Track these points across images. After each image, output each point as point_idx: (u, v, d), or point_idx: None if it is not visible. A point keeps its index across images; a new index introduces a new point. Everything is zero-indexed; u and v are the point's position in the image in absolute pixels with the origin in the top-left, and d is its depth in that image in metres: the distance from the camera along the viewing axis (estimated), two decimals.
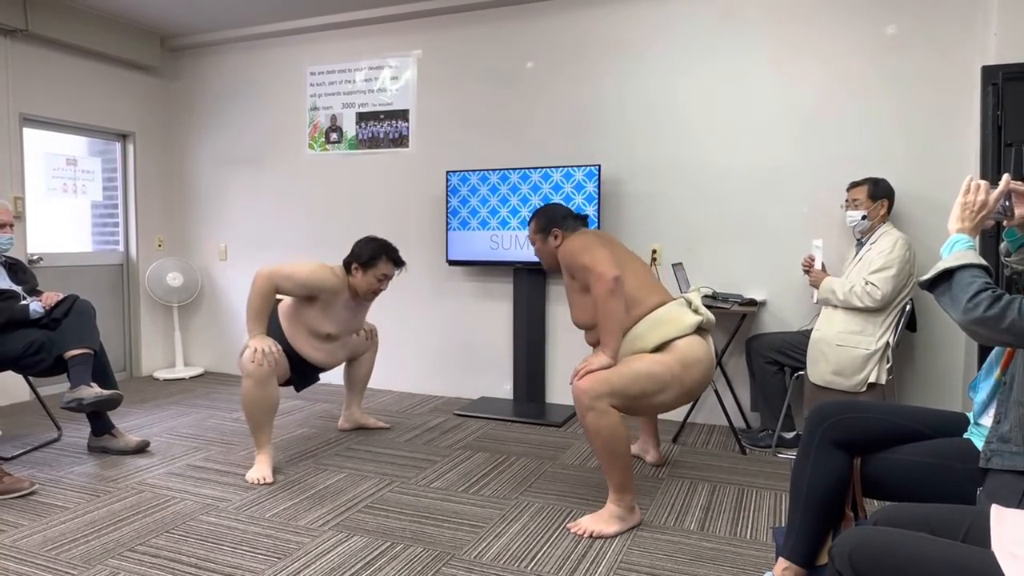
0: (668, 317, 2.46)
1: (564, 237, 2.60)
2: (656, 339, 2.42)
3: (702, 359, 2.45)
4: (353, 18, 4.41)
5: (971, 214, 1.49)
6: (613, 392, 2.29)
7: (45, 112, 4.33)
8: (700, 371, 2.44)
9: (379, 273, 3.00)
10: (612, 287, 2.30)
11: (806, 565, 1.72)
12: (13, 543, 2.27)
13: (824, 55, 3.50)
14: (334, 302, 2.99)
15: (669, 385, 2.37)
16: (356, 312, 3.13)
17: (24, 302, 3.06)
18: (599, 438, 2.31)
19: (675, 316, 2.46)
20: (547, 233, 2.64)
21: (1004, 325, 1.31)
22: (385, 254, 3.00)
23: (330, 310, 3.00)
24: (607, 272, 2.30)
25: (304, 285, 2.88)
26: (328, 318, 3.00)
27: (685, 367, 2.40)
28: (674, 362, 2.38)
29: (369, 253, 2.98)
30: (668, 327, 2.44)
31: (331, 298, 2.98)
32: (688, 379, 2.41)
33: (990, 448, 1.42)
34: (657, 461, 3.08)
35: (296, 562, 2.14)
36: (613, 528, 2.36)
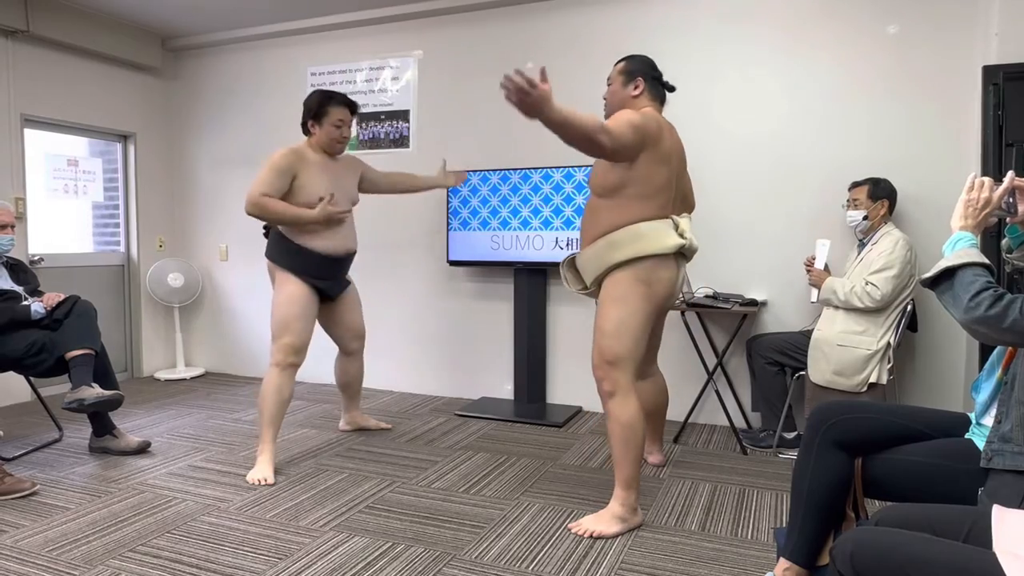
0: (650, 233, 2.37)
1: (643, 94, 2.49)
2: (631, 252, 2.36)
3: (665, 278, 2.42)
4: (354, 19, 4.42)
5: (975, 211, 1.49)
6: (619, 356, 2.36)
7: (46, 113, 4.34)
8: (665, 288, 2.43)
9: (334, 120, 3.00)
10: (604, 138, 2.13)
11: (807, 566, 1.72)
12: (15, 543, 2.27)
13: (825, 55, 3.50)
14: (309, 169, 2.97)
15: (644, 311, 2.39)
16: (337, 174, 3.10)
17: (25, 303, 3.06)
18: (618, 424, 2.36)
19: (657, 234, 2.37)
20: (632, 77, 2.50)
21: (1005, 324, 1.31)
22: (331, 100, 3.00)
23: (310, 178, 2.97)
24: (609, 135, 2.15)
25: (280, 172, 2.89)
26: (312, 183, 2.96)
27: (648, 285, 2.39)
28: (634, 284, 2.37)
29: (316, 104, 3.00)
30: (646, 242, 2.36)
31: (305, 168, 2.96)
32: (655, 298, 2.41)
33: (991, 448, 1.42)
34: (660, 463, 3.08)
35: (297, 563, 2.14)
36: (614, 529, 2.36)
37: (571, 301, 4.09)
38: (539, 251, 3.93)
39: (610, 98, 2.56)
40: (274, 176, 2.90)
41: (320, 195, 2.98)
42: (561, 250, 3.87)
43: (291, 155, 2.94)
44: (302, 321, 3.00)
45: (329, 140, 3.03)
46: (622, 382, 2.37)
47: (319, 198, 2.97)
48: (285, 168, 2.91)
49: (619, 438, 2.37)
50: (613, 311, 2.38)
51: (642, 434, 2.38)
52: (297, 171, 2.94)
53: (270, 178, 2.89)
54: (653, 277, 2.39)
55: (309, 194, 2.97)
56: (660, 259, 2.39)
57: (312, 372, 4.80)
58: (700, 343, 3.73)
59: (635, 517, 2.41)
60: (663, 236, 2.38)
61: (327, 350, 4.70)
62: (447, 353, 4.43)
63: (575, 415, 3.93)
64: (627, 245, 2.37)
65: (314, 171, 2.99)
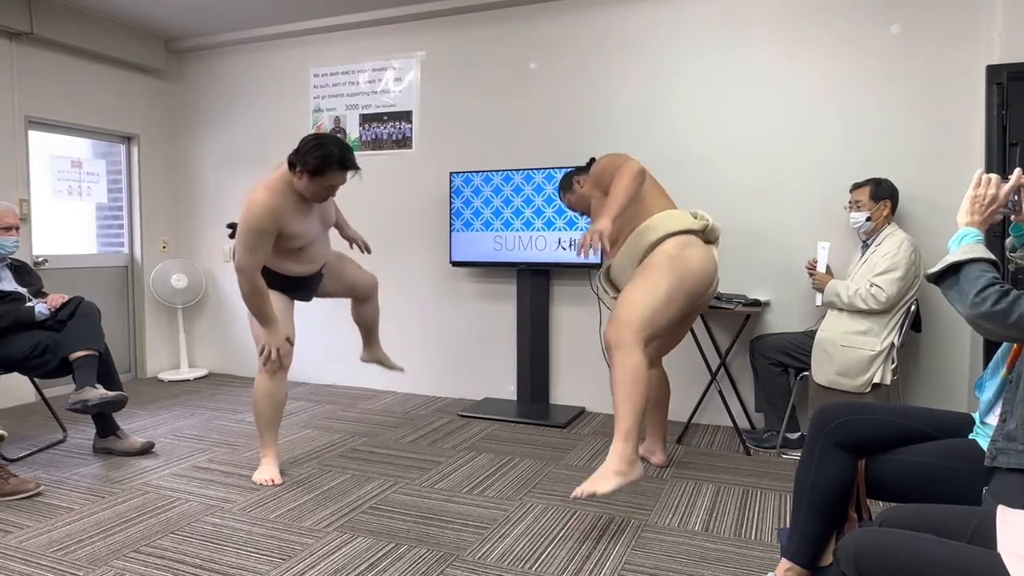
0: (673, 217, 2.66)
1: (584, 178, 2.90)
2: (665, 229, 2.61)
3: (699, 252, 2.60)
4: (356, 20, 4.42)
5: (981, 207, 1.49)
6: (638, 320, 2.42)
7: (50, 114, 4.35)
8: (700, 263, 2.58)
9: (328, 183, 2.66)
10: (635, 173, 2.52)
11: (809, 566, 1.72)
12: (19, 544, 2.28)
13: (827, 54, 3.49)
14: (286, 216, 2.69)
15: (680, 285, 2.52)
16: (313, 217, 2.83)
17: (29, 304, 3.07)
18: (622, 372, 2.39)
19: (679, 217, 2.67)
20: (568, 188, 2.94)
21: (1011, 320, 1.31)
22: (337, 164, 2.62)
23: (292, 228, 2.72)
24: (636, 165, 2.54)
25: (265, 236, 2.63)
26: (292, 238, 2.74)
27: (684, 261, 2.55)
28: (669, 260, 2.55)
29: (316, 162, 2.59)
30: (672, 222, 2.63)
31: (285, 219, 2.68)
32: (690, 275, 2.55)
33: (996, 447, 1.42)
34: (663, 463, 3.08)
35: (300, 563, 2.14)
36: (612, 484, 2.29)
37: (574, 302, 4.09)
38: (542, 252, 3.93)
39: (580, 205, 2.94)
40: (258, 240, 2.62)
41: (302, 243, 2.76)
42: (564, 250, 3.87)
43: (269, 213, 2.61)
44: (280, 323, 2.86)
45: (315, 196, 2.72)
46: (630, 336, 2.43)
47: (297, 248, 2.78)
48: (270, 229, 2.64)
49: (621, 387, 2.38)
50: (647, 277, 2.52)
51: (646, 386, 2.41)
52: (280, 225, 2.68)
53: (256, 245, 2.62)
54: (685, 251, 2.57)
55: (293, 241, 2.76)
56: (687, 235, 2.63)
57: (314, 373, 4.80)
58: (703, 343, 3.72)
59: (633, 471, 2.36)
60: (686, 219, 2.67)
61: (329, 351, 4.71)
62: (450, 354, 4.43)
63: (578, 416, 3.93)
64: (657, 227, 2.62)
65: (294, 218, 2.72)
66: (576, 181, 2.92)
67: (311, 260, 2.92)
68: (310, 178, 2.64)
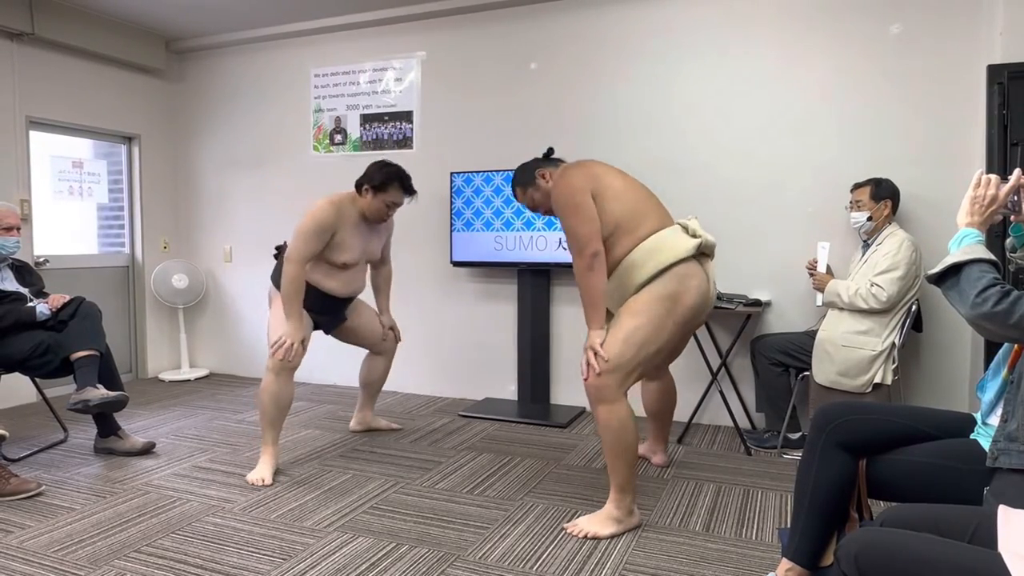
0: (664, 244, 2.35)
1: (551, 174, 2.55)
2: (653, 267, 2.32)
3: (694, 286, 2.35)
4: (357, 20, 4.42)
5: (981, 208, 1.49)
6: (617, 368, 2.28)
7: (51, 115, 4.35)
8: (693, 297, 2.35)
9: (389, 199, 2.99)
10: (590, 263, 2.27)
11: (809, 566, 1.72)
12: (20, 544, 2.28)
13: (828, 54, 3.49)
14: (342, 233, 2.97)
15: (663, 326, 2.31)
16: (369, 238, 3.12)
17: (31, 304, 3.07)
18: (608, 431, 2.31)
19: (671, 243, 2.35)
20: (530, 183, 2.57)
21: (1012, 320, 1.31)
22: (398, 181, 2.98)
23: (343, 240, 2.98)
24: (586, 248, 2.27)
25: (319, 234, 2.87)
26: (340, 249, 2.98)
27: (674, 300, 2.31)
28: (656, 301, 2.30)
29: (381, 178, 2.96)
30: (664, 254, 2.33)
31: (342, 228, 2.97)
32: (681, 310, 2.33)
33: (997, 447, 1.41)
34: (664, 463, 3.08)
35: (301, 563, 2.14)
36: (609, 530, 2.34)
37: (575, 302, 4.09)
38: (542, 252, 3.93)
39: (544, 205, 2.59)
40: (315, 235, 2.86)
41: (347, 258, 2.98)
42: (564, 250, 3.87)
43: (334, 212, 2.91)
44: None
45: (375, 213, 3.01)
46: (612, 390, 2.29)
47: (343, 263, 2.99)
48: (328, 226, 2.89)
49: (610, 444, 2.33)
50: (626, 322, 2.31)
51: (634, 439, 2.33)
52: (337, 228, 2.94)
53: (311, 241, 2.85)
54: (680, 289, 2.32)
55: (336, 256, 2.98)
56: (684, 266, 2.35)
57: (316, 373, 4.80)
58: (704, 343, 3.72)
59: (631, 518, 2.40)
60: (677, 243, 2.35)
61: (332, 352, 4.71)
62: (451, 354, 4.43)
63: (579, 416, 3.93)
64: (647, 262, 2.34)
65: (350, 232, 2.99)
66: (541, 175, 2.56)
67: (347, 282, 3.09)
68: (374, 194, 2.97)
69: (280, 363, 2.87)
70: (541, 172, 2.56)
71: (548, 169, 2.57)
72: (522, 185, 2.60)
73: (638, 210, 2.40)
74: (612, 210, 2.37)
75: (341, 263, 3.00)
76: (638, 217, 2.39)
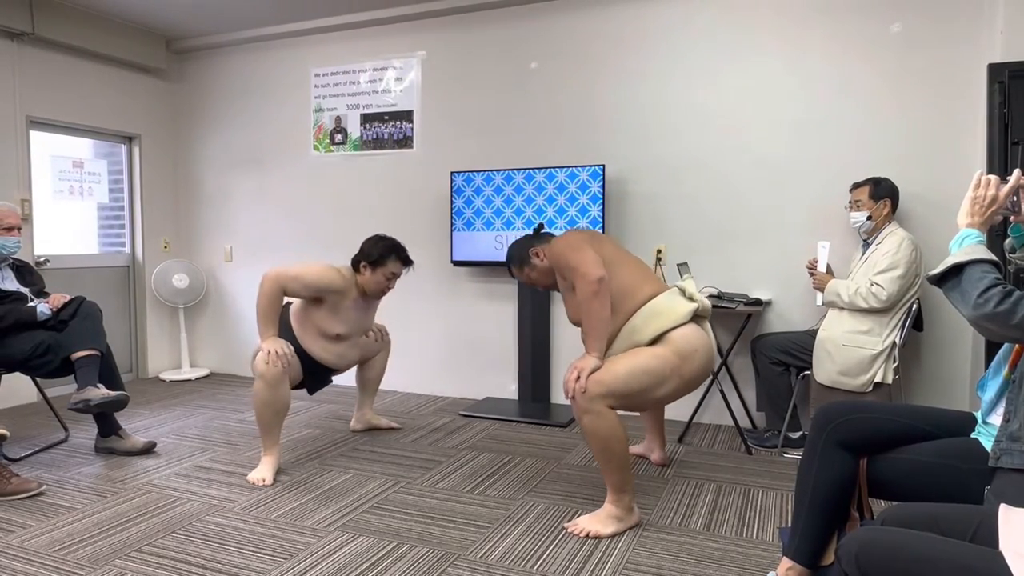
0: (662, 308, 2.41)
1: (544, 249, 2.60)
2: (652, 331, 2.38)
3: (699, 348, 2.39)
4: (357, 19, 4.42)
5: (981, 208, 1.49)
6: (609, 393, 2.27)
7: (51, 115, 4.35)
8: (699, 360, 2.39)
9: (388, 272, 3.04)
10: (596, 288, 2.28)
11: (810, 565, 1.72)
12: (21, 544, 2.28)
13: (829, 54, 3.49)
14: (341, 303, 3.01)
15: (668, 378, 2.33)
16: (365, 312, 3.16)
17: (31, 304, 3.07)
18: (596, 439, 2.30)
19: (669, 306, 2.41)
20: (528, 259, 2.64)
21: (1014, 321, 1.31)
22: (395, 253, 3.04)
23: (338, 311, 3.01)
24: (591, 273, 2.28)
25: (311, 287, 2.89)
26: (336, 319, 3.02)
27: (683, 358, 2.35)
28: (671, 354, 2.34)
29: (379, 252, 3.01)
30: (663, 318, 2.39)
31: (339, 299, 2.99)
32: (687, 370, 2.37)
33: (999, 447, 1.41)
34: (662, 461, 3.07)
35: (302, 563, 2.14)
36: (610, 528, 2.35)
37: None
38: None
39: (543, 279, 2.66)
40: (303, 284, 2.85)
41: (342, 330, 3.01)
42: None
43: (334, 282, 2.93)
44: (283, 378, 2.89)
45: (375, 287, 3.04)
46: (595, 403, 2.27)
47: (336, 335, 3.02)
48: (317, 288, 2.89)
49: (599, 452, 2.32)
50: (643, 356, 2.32)
51: (622, 444, 2.31)
52: (328, 298, 2.96)
53: (299, 282, 2.85)
54: (687, 349, 2.36)
55: (330, 326, 3.00)
56: (686, 329, 2.39)
57: None
58: None
59: (631, 516, 2.40)
60: (675, 306, 2.41)
61: None
62: (451, 353, 4.43)
63: None
64: (646, 328, 2.39)
65: (346, 308, 3.03)
66: (535, 253, 2.63)
67: (340, 355, 3.12)
68: (373, 269, 3.01)
69: (271, 371, 2.81)
70: (534, 251, 2.63)
71: (540, 247, 2.63)
72: (517, 264, 2.68)
73: (635, 275, 2.48)
74: (613, 274, 2.44)
75: (335, 335, 3.02)
76: (637, 282, 2.47)
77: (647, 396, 2.34)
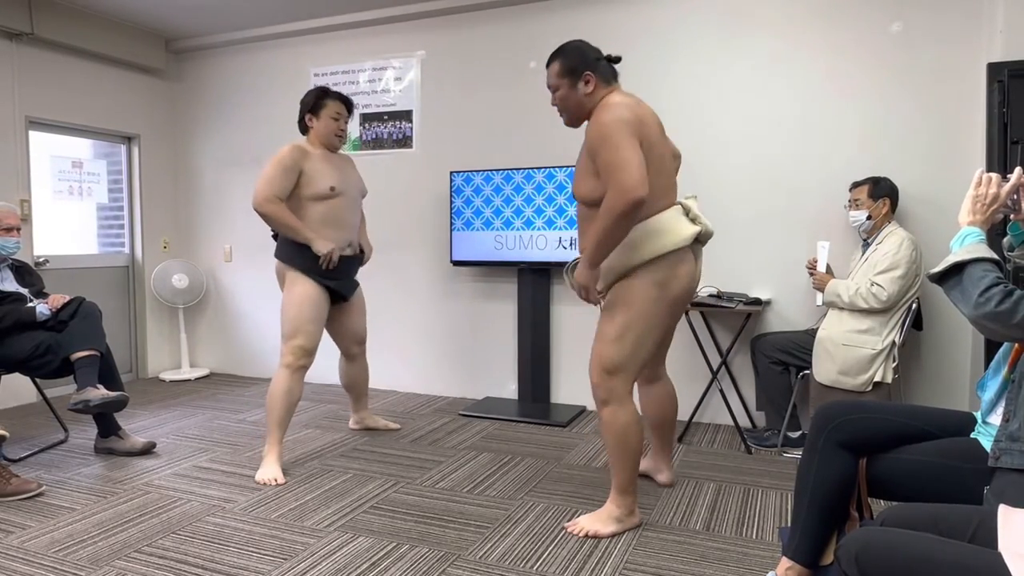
0: (664, 227, 2.23)
1: (597, 86, 2.26)
2: (650, 252, 2.21)
3: (683, 273, 2.27)
4: (356, 19, 4.42)
5: (982, 207, 1.49)
6: (618, 366, 2.26)
7: (51, 115, 4.35)
8: (683, 284, 2.28)
9: (332, 112, 3.06)
10: (628, 211, 2.04)
11: (809, 565, 1.72)
12: (21, 544, 2.28)
13: (827, 53, 3.48)
14: (314, 161, 3.01)
15: (653, 315, 2.25)
16: (342, 168, 3.14)
17: (31, 304, 3.07)
18: (611, 432, 2.30)
19: (672, 226, 2.23)
20: (577, 77, 2.26)
21: (1015, 320, 1.31)
22: (327, 94, 3.07)
23: (316, 171, 3.00)
24: (633, 190, 2.02)
25: (287, 170, 2.93)
26: (320, 177, 3.00)
27: (662, 287, 2.24)
28: (645, 288, 2.23)
29: (313, 98, 3.06)
30: (664, 238, 2.21)
31: (310, 160, 3.00)
32: (669, 297, 2.26)
33: (999, 447, 1.41)
34: (669, 482, 2.82)
35: (302, 563, 2.14)
36: (610, 529, 2.34)
37: (575, 301, 4.09)
38: (542, 251, 3.93)
39: (562, 103, 2.32)
40: (281, 174, 2.92)
41: (331, 184, 3.01)
42: (565, 250, 3.87)
43: (295, 151, 2.97)
44: (313, 323, 2.99)
45: (327, 133, 3.06)
46: (618, 390, 2.28)
47: (330, 188, 3.01)
48: (291, 165, 2.94)
49: (613, 446, 2.32)
50: (619, 315, 2.26)
51: (638, 440, 2.31)
52: (302, 166, 2.98)
53: (278, 177, 2.91)
54: (670, 275, 2.24)
55: (318, 185, 3.00)
56: (678, 254, 2.25)
57: (317, 373, 4.80)
58: (704, 342, 3.72)
59: (632, 518, 2.39)
60: (679, 228, 2.24)
61: (333, 350, 4.70)
62: (451, 353, 4.43)
63: (579, 415, 3.93)
64: (644, 245, 2.22)
65: (319, 163, 3.03)
66: (586, 79, 2.25)
67: (349, 225, 3.11)
68: (315, 116, 3.05)
69: (296, 360, 2.93)
70: (587, 76, 2.25)
71: (597, 76, 2.26)
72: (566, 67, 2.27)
73: (657, 185, 2.23)
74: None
75: (329, 188, 3.00)
76: (656, 194, 2.24)
77: (647, 343, 2.28)
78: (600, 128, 2.13)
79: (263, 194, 2.89)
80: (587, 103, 2.28)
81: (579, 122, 2.36)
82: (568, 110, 2.33)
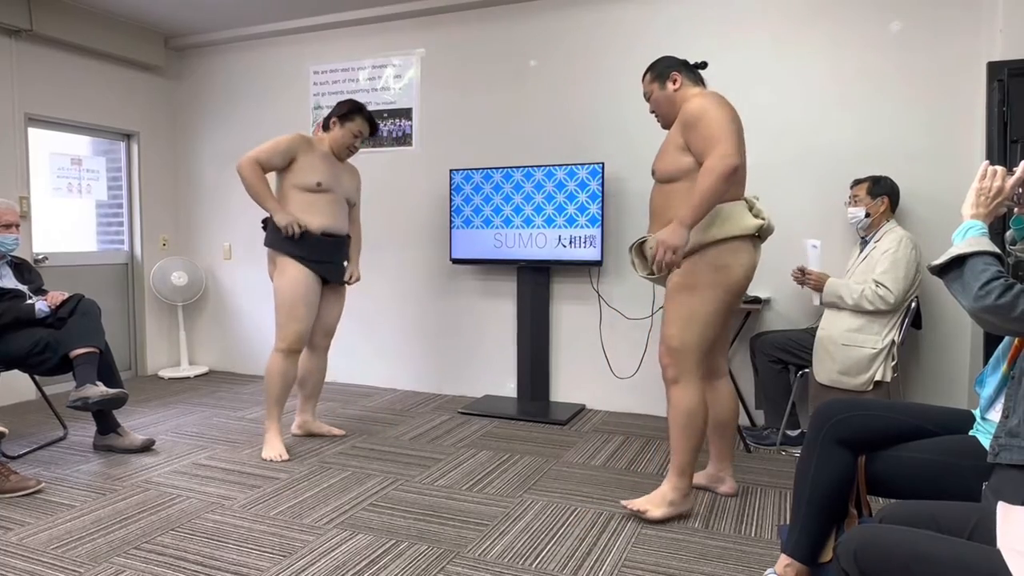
0: (732, 214, 2.36)
1: (684, 84, 2.49)
2: (716, 234, 2.34)
3: (743, 262, 2.37)
4: (356, 17, 4.42)
5: (986, 200, 1.49)
6: (685, 344, 2.35)
7: (50, 112, 4.35)
8: (744, 270, 2.37)
9: (355, 129, 3.17)
10: (728, 175, 2.20)
11: (808, 562, 1.72)
12: (20, 541, 2.28)
13: (829, 52, 3.48)
14: (312, 156, 3.11)
15: (715, 298, 2.35)
16: (338, 171, 3.23)
17: (30, 301, 3.07)
18: (680, 413, 2.37)
19: (738, 215, 2.37)
20: (665, 78, 2.50)
21: (1015, 314, 1.31)
22: (360, 113, 3.18)
23: (312, 163, 3.10)
24: (731, 155, 2.20)
25: (284, 152, 3.05)
26: (313, 170, 3.09)
27: (724, 273, 2.34)
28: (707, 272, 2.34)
29: (347, 108, 3.17)
30: (729, 224, 2.35)
31: (309, 153, 3.11)
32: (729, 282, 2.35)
33: (998, 443, 1.41)
34: (732, 491, 2.68)
35: (301, 560, 2.15)
36: (661, 511, 2.38)
37: (574, 299, 4.09)
38: (542, 249, 3.92)
39: (659, 107, 2.54)
40: (274, 150, 3.04)
41: (318, 180, 3.10)
42: (564, 248, 3.87)
43: (298, 138, 3.09)
44: (306, 307, 3.09)
45: (342, 143, 3.18)
46: (687, 368, 2.37)
47: (316, 183, 3.08)
48: (287, 149, 3.05)
49: (678, 425, 2.38)
50: (683, 299, 2.37)
51: (702, 422, 2.39)
52: (299, 155, 3.08)
53: (270, 150, 3.04)
54: (732, 260, 2.34)
55: (306, 177, 3.09)
56: (740, 241, 2.36)
57: None
58: None
59: (684, 503, 2.43)
60: (744, 217, 2.37)
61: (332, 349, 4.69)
62: (450, 351, 4.43)
63: (578, 413, 3.93)
64: (711, 228, 2.34)
65: (317, 160, 3.12)
66: (673, 78, 2.49)
67: (328, 213, 3.15)
68: (341, 123, 3.16)
69: (290, 346, 3.07)
70: (674, 76, 2.49)
71: (684, 76, 2.49)
72: (657, 76, 2.53)
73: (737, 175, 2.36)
74: None
75: (315, 183, 3.08)
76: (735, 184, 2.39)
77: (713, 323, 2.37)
78: (701, 105, 2.32)
79: (249, 156, 3.01)
80: (676, 99, 2.49)
81: (672, 120, 2.52)
82: (660, 109, 2.55)
